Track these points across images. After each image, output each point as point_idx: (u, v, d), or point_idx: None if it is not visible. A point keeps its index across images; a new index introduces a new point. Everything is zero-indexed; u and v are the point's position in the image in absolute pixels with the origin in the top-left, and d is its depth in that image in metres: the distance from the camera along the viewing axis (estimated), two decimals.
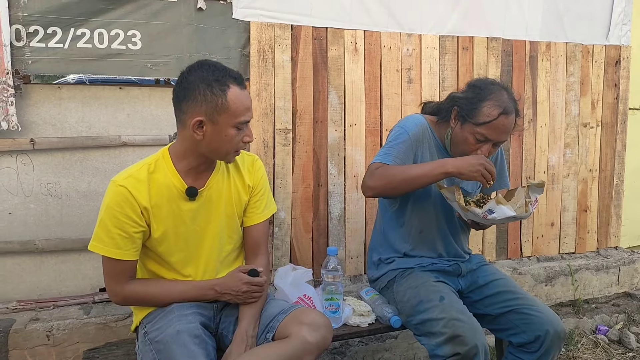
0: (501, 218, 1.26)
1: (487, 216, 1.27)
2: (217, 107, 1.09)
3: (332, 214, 1.89)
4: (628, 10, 2.32)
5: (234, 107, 1.10)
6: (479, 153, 1.32)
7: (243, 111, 1.12)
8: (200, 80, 1.10)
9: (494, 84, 1.37)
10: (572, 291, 2.25)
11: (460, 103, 1.37)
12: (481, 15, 2.06)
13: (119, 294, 1.17)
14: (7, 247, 1.54)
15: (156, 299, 1.18)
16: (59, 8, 1.51)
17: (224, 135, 1.12)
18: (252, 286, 1.19)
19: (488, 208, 1.27)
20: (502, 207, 1.25)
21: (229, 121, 1.11)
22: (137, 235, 1.14)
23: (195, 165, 1.18)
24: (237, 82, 1.12)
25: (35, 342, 1.49)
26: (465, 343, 1.21)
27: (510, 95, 1.35)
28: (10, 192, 1.54)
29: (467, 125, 1.34)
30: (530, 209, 1.28)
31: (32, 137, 1.53)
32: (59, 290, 1.62)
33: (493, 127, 1.31)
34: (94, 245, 1.14)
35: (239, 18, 1.72)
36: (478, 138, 1.33)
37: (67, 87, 1.57)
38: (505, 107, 1.31)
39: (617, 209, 2.42)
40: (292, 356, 1.08)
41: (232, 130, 1.12)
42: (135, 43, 1.59)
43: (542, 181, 1.30)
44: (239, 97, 1.11)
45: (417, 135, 1.41)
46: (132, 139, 1.63)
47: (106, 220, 1.12)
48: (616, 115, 2.38)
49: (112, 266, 1.14)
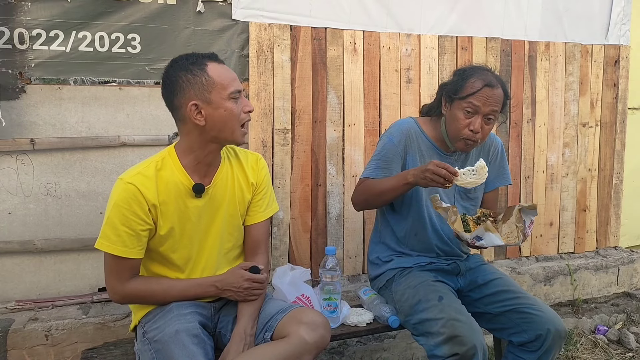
0: (489, 245, 1.23)
1: (475, 243, 1.24)
2: (204, 86, 1.12)
3: (331, 213, 1.90)
4: (627, 9, 2.32)
5: (219, 80, 1.12)
6: (470, 128, 1.34)
7: (230, 82, 1.14)
8: (179, 70, 1.13)
9: (476, 65, 1.42)
10: (571, 291, 2.25)
11: (447, 88, 1.41)
12: (480, 15, 2.06)
13: (120, 292, 1.16)
14: (7, 247, 1.55)
15: (157, 297, 1.18)
16: (61, 12, 1.52)
17: (223, 111, 1.13)
18: (253, 283, 1.20)
19: (476, 234, 1.24)
20: (490, 235, 1.22)
21: (221, 95, 1.12)
22: (144, 234, 1.15)
23: (202, 157, 1.18)
24: (212, 59, 1.15)
25: (34, 342, 1.50)
26: (464, 343, 1.21)
27: (493, 74, 1.39)
28: (10, 192, 1.55)
29: (455, 103, 1.37)
30: (521, 236, 1.25)
31: (32, 137, 1.54)
32: (57, 290, 1.62)
33: (478, 97, 1.33)
34: (100, 243, 1.14)
35: (238, 19, 1.72)
36: (468, 111, 1.34)
37: (67, 88, 1.57)
38: (489, 80, 1.35)
39: (616, 209, 2.42)
40: (291, 356, 1.08)
41: (228, 102, 1.13)
42: (134, 46, 1.60)
43: (534, 204, 1.27)
44: (220, 70, 1.13)
45: (404, 141, 1.43)
46: (131, 139, 1.64)
47: (113, 217, 1.12)
48: (615, 115, 2.38)
49: (116, 264, 1.14)
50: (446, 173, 1.23)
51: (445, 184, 1.24)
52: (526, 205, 1.27)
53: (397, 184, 1.34)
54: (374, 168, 1.43)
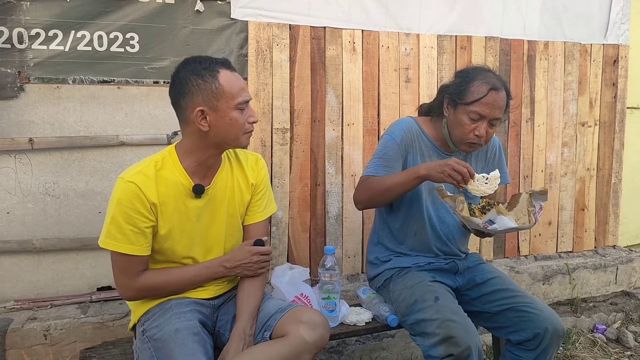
0: (502, 229, 1.23)
1: (488, 227, 1.24)
2: (213, 93, 1.12)
3: (330, 213, 1.90)
4: (626, 9, 2.33)
5: (229, 89, 1.12)
6: (475, 133, 1.34)
7: (239, 92, 1.14)
8: (190, 73, 1.12)
9: (478, 67, 1.41)
10: (569, 290, 2.26)
11: (450, 90, 1.40)
12: (479, 14, 2.06)
13: (132, 289, 1.16)
14: (5, 247, 1.55)
15: (170, 287, 1.19)
16: (60, 11, 1.52)
17: (228, 120, 1.13)
18: (262, 256, 1.22)
19: (488, 218, 1.24)
20: (502, 218, 1.22)
21: (228, 104, 1.12)
22: (148, 230, 1.15)
23: (203, 159, 1.18)
24: (225, 66, 1.14)
25: (33, 341, 1.50)
26: (459, 344, 1.21)
27: (496, 75, 1.38)
28: (9, 191, 1.55)
29: (460, 108, 1.36)
30: (533, 219, 1.25)
31: (31, 136, 1.54)
32: (56, 289, 1.62)
33: (484, 103, 1.33)
34: (107, 243, 1.13)
35: (237, 18, 1.72)
36: (472, 117, 1.34)
37: (65, 87, 1.57)
38: (493, 84, 1.34)
39: (615, 208, 2.42)
40: (290, 355, 1.08)
41: (234, 112, 1.13)
42: (133, 45, 1.60)
43: (545, 188, 1.28)
44: (231, 79, 1.13)
45: (406, 139, 1.43)
46: (130, 138, 1.64)
47: (117, 216, 1.12)
48: (614, 114, 2.38)
49: (125, 262, 1.14)
50: (467, 172, 1.23)
51: (461, 183, 1.24)
52: (537, 190, 1.27)
53: (406, 179, 1.32)
54: (375, 166, 1.41)
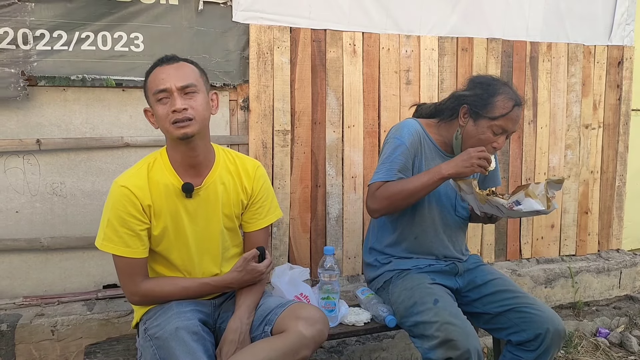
0: (527, 211, 1.26)
1: (514, 207, 1.26)
2: (145, 91, 1.19)
3: (330, 214, 1.91)
4: (631, 10, 2.30)
5: (150, 84, 1.18)
6: (494, 146, 1.37)
7: (156, 83, 1.16)
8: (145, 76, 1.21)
9: (496, 79, 1.42)
10: (572, 293, 2.24)
11: (469, 100, 1.38)
12: (481, 16, 2.06)
13: (137, 293, 1.19)
14: (14, 245, 1.59)
15: (174, 297, 1.21)
16: (64, 12, 1.55)
17: (156, 114, 1.17)
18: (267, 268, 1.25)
19: (516, 199, 1.26)
20: (530, 200, 1.24)
21: (151, 99, 1.18)
22: (143, 233, 1.18)
23: (179, 157, 1.21)
24: (162, 61, 1.18)
25: (41, 336, 1.54)
26: (458, 347, 1.21)
27: (512, 88, 1.41)
28: (17, 191, 1.59)
29: (483, 121, 1.36)
30: (553, 205, 1.27)
31: (38, 137, 1.58)
32: (63, 286, 1.66)
33: (509, 118, 1.35)
34: (104, 245, 1.17)
35: (238, 21, 1.74)
36: (495, 131, 1.36)
37: (72, 90, 1.61)
38: (516, 99, 1.37)
39: (618, 211, 2.40)
40: (289, 350, 1.10)
41: (156, 105, 1.17)
42: (137, 45, 1.63)
43: (562, 177, 1.29)
44: (156, 73, 1.17)
45: (414, 142, 1.42)
46: (134, 140, 1.67)
47: (113, 220, 1.16)
48: (618, 117, 2.35)
49: (125, 265, 1.18)
50: (488, 154, 1.29)
51: (487, 167, 1.29)
52: (554, 179, 1.28)
53: (429, 181, 1.32)
54: (387, 170, 1.38)
